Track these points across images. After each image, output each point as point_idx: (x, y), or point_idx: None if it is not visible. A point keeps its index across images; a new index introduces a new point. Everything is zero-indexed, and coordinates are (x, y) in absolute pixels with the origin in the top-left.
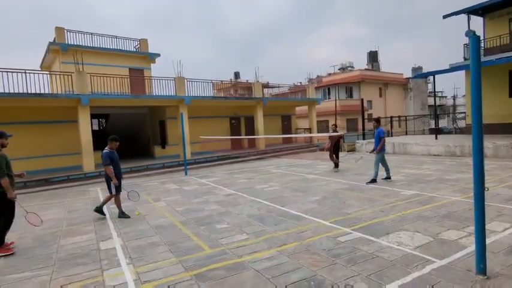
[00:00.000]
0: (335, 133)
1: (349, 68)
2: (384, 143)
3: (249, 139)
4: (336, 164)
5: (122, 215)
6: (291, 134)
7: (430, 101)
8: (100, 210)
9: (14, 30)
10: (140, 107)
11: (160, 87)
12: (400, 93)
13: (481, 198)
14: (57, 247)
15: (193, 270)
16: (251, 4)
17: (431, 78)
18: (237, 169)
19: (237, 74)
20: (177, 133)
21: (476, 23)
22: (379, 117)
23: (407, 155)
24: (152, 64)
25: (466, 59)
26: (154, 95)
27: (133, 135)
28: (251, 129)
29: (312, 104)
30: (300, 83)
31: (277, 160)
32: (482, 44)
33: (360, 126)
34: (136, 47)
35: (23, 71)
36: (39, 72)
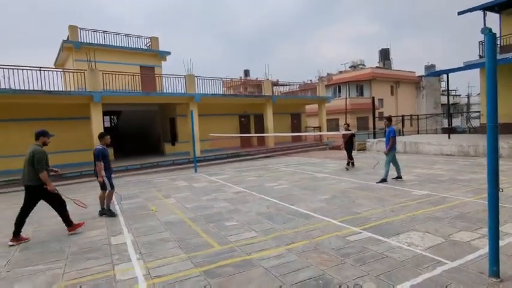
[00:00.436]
0: (347, 131)
1: (360, 66)
2: (394, 143)
3: (258, 137)
4: (349, 163)
5: (103, 211)
6: (300, 132)
7: (444, 99)
8: (108, 212)
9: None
10: (151, 105)
11: (170, 85)
12: (412, 92)
13: (495, 199)
14: (69, 241)
15: (202, 266)
16: (260, 2)
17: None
18: (246, 167)
19: (246, 72)
20: (187, 130)
21: (492, 20)
22: (391, 116)
23: (419, 154)
24: (163, 62)
25: (481, 57)
26: (165, 92)
27: (144, 132)
28: (260, 127)
29: (322, 102)
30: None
31: (286, 158)
32: (498, 42)
33: (371, 125)
34: (148, 45)
35: (38, 69)
36: (53, 69)
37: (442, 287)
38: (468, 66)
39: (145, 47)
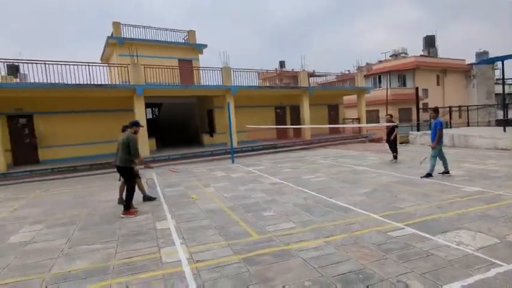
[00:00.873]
0: (390, 123)
1: (402, 55)
2: (441, 136)
3: (294, 129)
4: (394, 156)
5: (148, 198)
6: (338, 124)
7: (498, 89)
8: (147, 198)
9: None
10: (189, 97)
11: (207, 78)
12: (461, 81)
13: None
14: (119, 224)
15: (241, 254)
16: None
17: (499, 64)
18: (282, 158)
19: (282, 63)
20: (224, 122)
21: None
22: (437, 107)
23: (468, 148)
24: (200, 55)
25: None
26: (203, 84)
27: (183, 124)
28: (296, 119)
29: (361, 93)
30: (348, 71)
31: (323, 150)
32: None
33: (414, 117)
34: (185, 39)
35: (87, 64)
36: (100, 64)
37: None
38: None
39: (183, 41)
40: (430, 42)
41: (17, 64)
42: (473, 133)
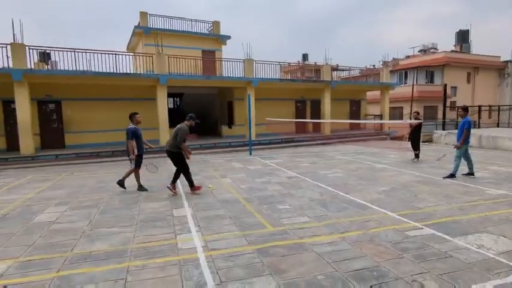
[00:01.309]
0: (416, 120)
1: (431, 50)
2: (468, 136)
3: (314, 123)
4: (416, 155)
5: (140, 188)
6: (359, 120)
7: None
8: (121, 184)
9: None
10: (211, 88)
11: (229, 69)
12: (493, 79)
13: None
14: (138, 209)
15: (255, 244)
16: None
17: None
18: (300, 153)
19: (305, 56)
20: (243, 114)
21: None
22: (467, 106)
23: (497, 150)
24: (223, 46)
25: None
26: (225, 76)
27: (203, 115)
28: (317, 113)
29: (386, 89)
30: (373, 66)
31: (343, 146)
32: None
33: (440, 115)
34: (209, 30)
35: (114, 53)
36: (126, 53)
37: None
38: None
39: (207, 32)
40: (463, 38)
41: (48, 52)
42: (502, 134)
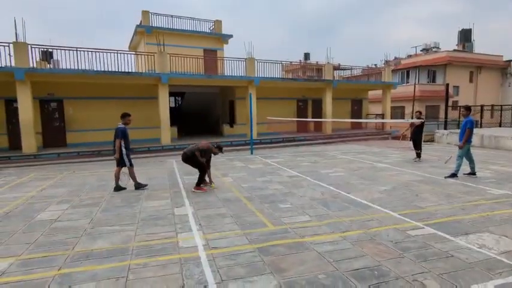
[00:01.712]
0: (418, 119)
1: (433, 49)
2: (470, 135)
3: (315, 122)
4: (418, 154)
5: (138, 185)
6: (361, 119)
7: None
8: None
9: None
10: (212, 87)
11: (231, 68)
12: (496, 79)
13: None
14: (140, 208)
15: (256, 243)
16: None
17: None
18: (301, 152)
19: (307, 55)
20: (245, 113)
21: None
22: (469, 106)
23: (498, 150)
24: (225, 45)
25: None
26: (226, 75)
27: (204, 114)
28: (318, 112)
29: (387, 88)
30: (375, 65)
31: (344, 145)
32: None
33: (442, 115)
34: (211, 29)
35: (115, 52)
36: (127, 52)
37: None
38: None
39: (209, 31)
40: (465, 37)
41: (50, 50)
42: (504, 134)
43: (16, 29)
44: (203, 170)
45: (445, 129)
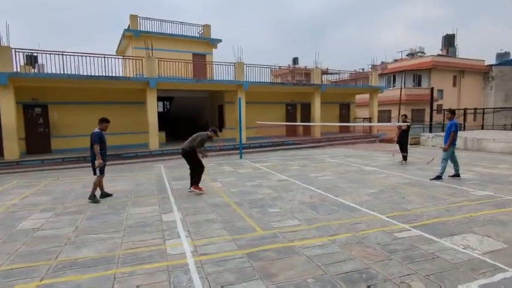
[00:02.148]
0: (404, 123)
1: (419, 54)
2: (455, 138)
3: (304, 126)
4: (404, 157)
5: (93, 198)
6: (349, 123)
7: None
8: (93, 199)
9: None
10: (201, 91)
11: (220, 72)
12: (478, 83)
13: None
14: (126, 215)
15: (245, 248)
16: None
17: None
18: (290, 156)
19: (295, 60)
20: (234, 117)
21: None
22: (453, 109)
23: (481, 152)
24: (214, 49)
25: None
26: (215, 79)
27: (193, 118)
28: (307, 117)
29: (374, 92)
30: (363, 69)
31: (332, 149)
32: None
33: (427, 118)
34: (200, 33)
35: (102, 56)
36: (115, 56)
37: None
38: None
39: (198, 35)
40: (449, 42)
41: (35, 54)
42: (487, 136)
43: None
44: (201, 168)
45: (430, 132)
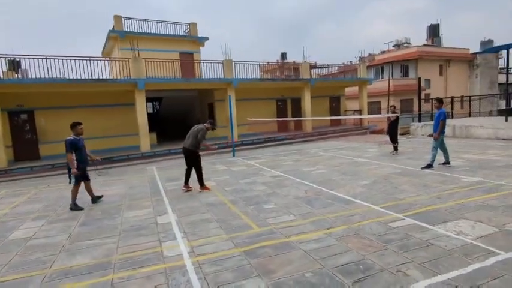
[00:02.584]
0: (393, 114)
1: (405, 45)
2: (444, 127)
3: (295, 121)
4: (395, 147)
5: (75, 207)
6: (339, 116)
7: (501, 78)
8: (74, 207)
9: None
10: (190, 90)
11: (209, 70)
12: (464, 71)
13: None
14: (121, 219)
15: (242, 246)
16: None
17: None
18: (283, 151)
19: (283, 55)
20: (225, 115)
21: None
22: (441, 98)
23: (469, 138)
24: (201, 47)
25: None
26: (204, 78)
27: (184, 118)
28: (298, 111)
29: (363, 84)
30: (351, 62)
31: (324, 143)
32: None
33: (416, 108)
34: (186, 31)
35: (88, 59)
36: (101, 59)
37: (493, 278)
38: None
39: (184, 33)
40: (434, 32)
41: (18, 59)
42: (474, 123)
43: None
44: (200, 168)
45: (420, 121)
